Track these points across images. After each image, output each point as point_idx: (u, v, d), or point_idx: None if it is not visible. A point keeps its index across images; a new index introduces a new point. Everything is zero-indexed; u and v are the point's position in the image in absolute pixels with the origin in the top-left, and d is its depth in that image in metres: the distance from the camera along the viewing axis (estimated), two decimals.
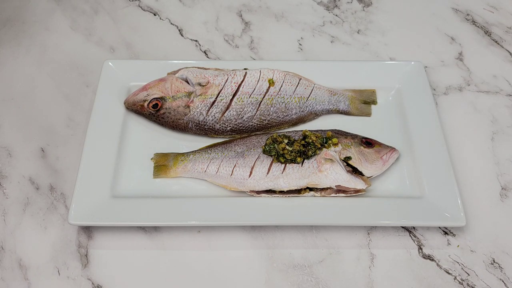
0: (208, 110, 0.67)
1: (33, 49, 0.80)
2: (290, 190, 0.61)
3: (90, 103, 0.71)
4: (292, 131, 0.67)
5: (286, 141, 0.63)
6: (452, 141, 0.69)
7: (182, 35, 0.83)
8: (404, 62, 0.75)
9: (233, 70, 0.71)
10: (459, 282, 0.58)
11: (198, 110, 0.67)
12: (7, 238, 0.61)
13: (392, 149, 0.64)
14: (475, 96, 0.75)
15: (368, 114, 0.71)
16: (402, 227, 0.62)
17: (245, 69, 0.71)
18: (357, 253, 0.60)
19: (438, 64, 0.79)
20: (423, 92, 0.71)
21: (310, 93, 0.70)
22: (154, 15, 0.86)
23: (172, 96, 0.67)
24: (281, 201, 0.61)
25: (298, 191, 0.62)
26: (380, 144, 0.65)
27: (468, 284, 0.58)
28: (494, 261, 0.59)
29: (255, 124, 0.68)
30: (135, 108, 0.68)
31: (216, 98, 0.68)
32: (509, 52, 0.81)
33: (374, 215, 0.60)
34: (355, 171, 0.62)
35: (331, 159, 0.62)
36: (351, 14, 0.87)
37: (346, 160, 0.62)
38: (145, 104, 0.67)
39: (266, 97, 0.69)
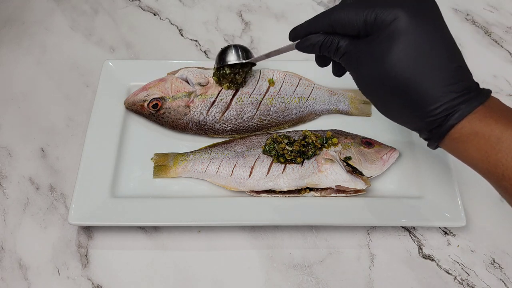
0: (208, 110, 0.67)
1: (33, 49, 0.80)
2: (290, 190, 0.62)
3: (90, 103, 0.71)
4: (292, 131, 0.67)
5: (286, 141, 0.63)
6: None
7: (182, 35, 0.83)
8: None
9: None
10: (459, 282, 0.58)
11: (198, 110, 0.67)
12: (7, 238, 0.61)
13: (392, 149, 0.64)
14: None
15: (368, 114, 0.71)
16: (402, 227, 0.62)
17: None
18: (357, 253, 0.60)
19: None
20: None
21: (310, 93, 0.70)
22: (154, 15, 0.86)
23: (172, 96, 0.67)
24: (281, 201, 0.61)
25: (298, 191, 0.62)
26: (380, 144, 0.65)
27: (468, 284, 0.58)
28: (494, 261, 0.59)
29: (255, 124, 0.68)
30: (135, 108, 0.68)
31: (216, 98, 0.68)
32: (509, 52, 0.81)
33: (374, 215, 0.60)
34: (355, 171, 0.62)
35: (331, 159, 0.62)
36: None
37: (346, 160, 0.62)
38: (145, 104, 0.67)
39: (266, 97, 0.69)
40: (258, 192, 0.62)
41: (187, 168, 0.64)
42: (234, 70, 0.66)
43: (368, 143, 0.64)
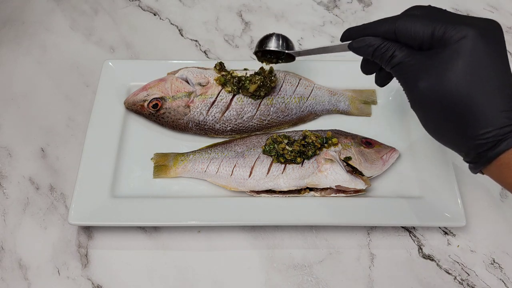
0: (208, 110, 0.67)
1: (33, 49, 0.80)
2: (290, 190, 0.62)
3: (90, 103, 0.71)
4: (292, 131, 0.67)
5: (286, 141, 0.63)
6: None
7: (182, 35, 0.83)
8: None
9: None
10: (459, 282, 0.58)
11: (198, 110, 0.67)
12: (7, 238, 0.61)
13: (392, 149, 0.64)
14: None
15: (368, 114, 0.71)
16: (402, 227, 0.62)
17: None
18: (357, 253, 0.60)
19: None
20: None
21: (310, 93, 0.70)
22: (154, 15, 0.86)
23: (172, 96, 0.67)
24: (281, 201, 0.61)
25: (298, 191, 0.62)
26: (380, 144, 0.65)
27: (468, 284, 0.58)
28: (494, 261, 0.59)
29: (255, 124, 0.68)
30: (135, 108, 0.68)
31: (216, 98, 0.68)
32: (509, 52, 0.81)
33: (374, 215, 0.60)
34: (355, 171, 0.62)
35: (331, 159, 0.62)
36: (351, 14, 0.87)
37: (346, 160, 0.62)
38: (145, 104, 0.67)
39: (266, 97, 0.69)
40: (258, 192, 0.62)
41: (187, 168, 0.64)
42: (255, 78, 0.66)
43: (368, 143, 0.64)
